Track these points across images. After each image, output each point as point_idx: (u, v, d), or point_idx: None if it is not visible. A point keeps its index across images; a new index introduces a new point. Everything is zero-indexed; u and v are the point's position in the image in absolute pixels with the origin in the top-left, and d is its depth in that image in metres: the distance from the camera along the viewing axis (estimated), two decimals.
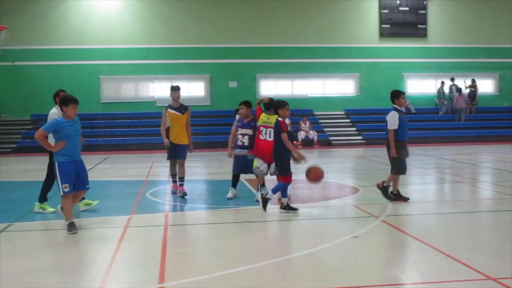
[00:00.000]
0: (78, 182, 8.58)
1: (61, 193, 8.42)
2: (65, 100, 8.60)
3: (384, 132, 11.24)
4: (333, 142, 28.73)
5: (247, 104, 11.36)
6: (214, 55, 30.95)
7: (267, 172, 10.55)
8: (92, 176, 16.23)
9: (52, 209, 10.25)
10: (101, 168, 18.81)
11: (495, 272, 5.99)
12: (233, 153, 11.37)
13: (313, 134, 28.44)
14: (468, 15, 33.01)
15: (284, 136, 9.47)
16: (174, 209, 10.51)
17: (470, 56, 32.81)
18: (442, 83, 32.19)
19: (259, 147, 10.44)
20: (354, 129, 30.30)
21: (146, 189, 13.06)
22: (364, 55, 32.32)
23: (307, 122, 28.31)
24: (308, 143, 27.85)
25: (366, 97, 32.38)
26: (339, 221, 9.40)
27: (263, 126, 10.40)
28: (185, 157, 11.86)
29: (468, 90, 32.14)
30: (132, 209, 10.45)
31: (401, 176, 11.18)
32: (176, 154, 11.85)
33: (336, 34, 31.95)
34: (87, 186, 8.79)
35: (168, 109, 11.90)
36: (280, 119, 9.64)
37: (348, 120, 30.96)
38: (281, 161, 9.71)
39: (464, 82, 32.33)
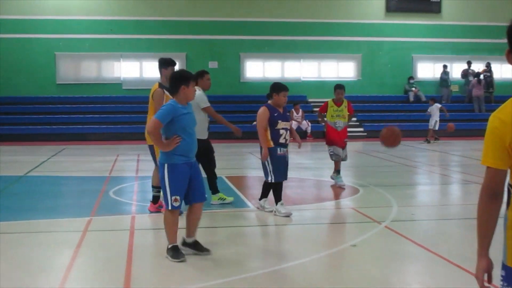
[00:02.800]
0: (193, 191, 7.39)
1: (168, 207, 7.25)
2: (178, 75, 7.34)
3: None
4: None
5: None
6: (191, 30, 30.85)
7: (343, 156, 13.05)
8: (45, 171, 16.24)
9: (231, 198, 10.89)
10: (57, 161, 18.74)
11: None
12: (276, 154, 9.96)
13: (306, 125, 28.48)
14: None
15: None
16: (142, 210, 10.49)
17: (490, 36, 32.94)
18: (444, 66, 32.31)
19: (335, 133, 13.06)
20: (354, 119, 30.38)
21: (109, 187, 13.02)
22: (367, 33, 32.37)
23: (300, 110, 28.33)
24: (300, 135, 27.78)
25: (369, 83, 32.47)
26: (335, 226, 9.44)
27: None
28: None
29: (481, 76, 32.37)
30: (93, 210, 10.42)
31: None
32: None
33: (334, 7, 31.99)
34: (206, 196, 7.81)
35: (165, 91, 9.84)
36: None
37: None
38: None
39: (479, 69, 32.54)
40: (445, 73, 32.18)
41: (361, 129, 29.35)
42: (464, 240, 8.31)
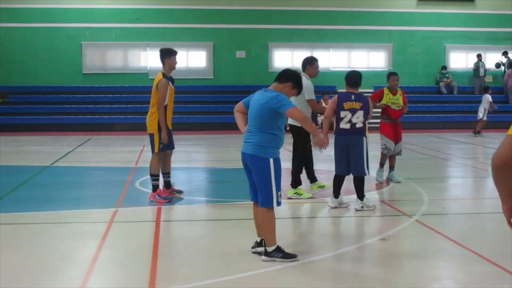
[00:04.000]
0: None
1: (274, 205, 6.96)
2: (298, 76, 7.45)
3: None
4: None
5: None
6: (218, 19, 30.83)
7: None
8: (71, 161, 16.37)
9: (309, 195, 10.89)
10: (82, 151, 18.87)
11: None
12: None
13: None
14: None
15: None
16: (168, 202, 10.53)
17: None
18: (478, 56, 31.87)
19: (390, 125, 12.79)
20: None
21: (135, 178, 13.09)
22: (399, 22, 32.11)
23: (329, 101, 28.23)
24: (330, 127, 27.71)
25: (400, 72, 31.65)
26: (364, 220, 9.40)
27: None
28: None
29: None
30: (118, 201, 10.48)
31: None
32: (172, 143, 10.76)
33: None
34: None
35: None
36: None
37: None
38: None
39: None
40: (478, 63, 31.79)
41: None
42: (498, 235, 8.22)
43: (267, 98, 6.99)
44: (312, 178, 11.34)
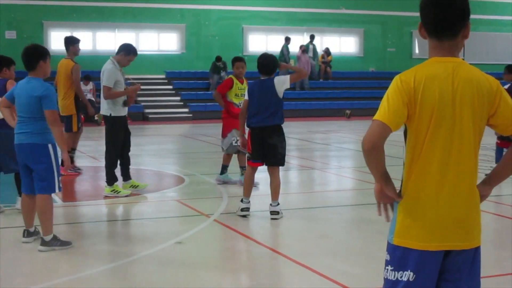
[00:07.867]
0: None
1: (56, 190, 7.74)
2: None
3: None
4: (150, 116, 28.70)
5: None
6: None
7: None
8: None
9: (127, 192, 10.88)
10: None
11: (356, 282, 6.33)
12: None
13: None
14: None
15: None
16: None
17: (328, 6, 34.13)
18: (287, 39, 32.71)
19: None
20: (178, 98, 30.45)
21: None
22: (192, 0, 32.48)
23: None
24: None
25: (195, 56, 32.65)
26: (157, 222, 9.44)
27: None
28: None
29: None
30: None
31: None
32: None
33: None
34: None
35: None
36: None
37: (171, 87, 31.05)
38: None
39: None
40: (286, 46, 32.24)
41: (186, 110, 29.49)
42: (300, 232, 8.57)
43: (39, 88, 7.55)
44: (126, 176, 11.22)
